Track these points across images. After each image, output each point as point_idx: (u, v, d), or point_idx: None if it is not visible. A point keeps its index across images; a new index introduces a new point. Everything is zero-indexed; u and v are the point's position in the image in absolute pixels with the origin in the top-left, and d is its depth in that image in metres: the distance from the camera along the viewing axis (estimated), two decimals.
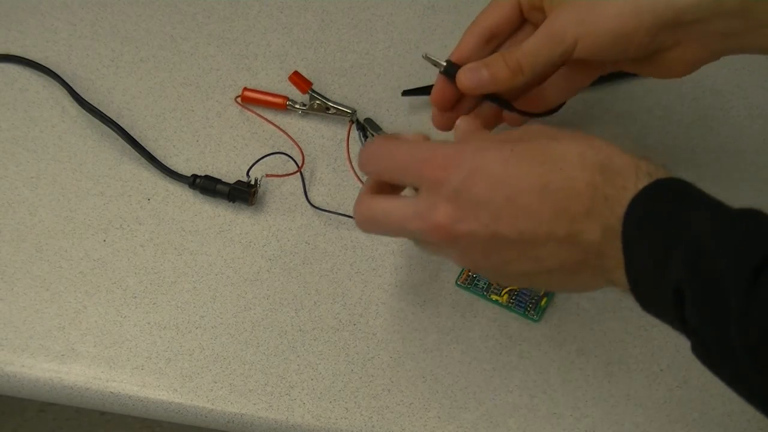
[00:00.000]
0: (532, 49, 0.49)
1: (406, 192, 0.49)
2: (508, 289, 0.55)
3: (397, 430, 0.52)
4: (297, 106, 0.62)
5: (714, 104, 0.63)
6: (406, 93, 0.63)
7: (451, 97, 0.53)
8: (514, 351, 0.54)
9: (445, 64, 0.52)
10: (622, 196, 0.40)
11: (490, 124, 0.56)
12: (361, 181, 0.59)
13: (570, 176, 0.42)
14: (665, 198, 0.40)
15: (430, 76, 0.64)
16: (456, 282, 0.56)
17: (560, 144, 0.43)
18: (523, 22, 0.53)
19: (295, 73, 0.62)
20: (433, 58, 0.53)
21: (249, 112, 0.63)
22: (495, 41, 0.53)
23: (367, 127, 0.61)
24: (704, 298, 0.37)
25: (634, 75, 0.63)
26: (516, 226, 0.42)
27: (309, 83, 0.61)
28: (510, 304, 0.55)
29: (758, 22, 0.44)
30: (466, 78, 0.51)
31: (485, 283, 0.55)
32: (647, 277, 0.40)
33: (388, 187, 0.49)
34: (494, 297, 0.55)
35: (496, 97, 0.53)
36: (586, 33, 0.48)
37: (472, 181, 0.43)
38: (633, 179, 0.41)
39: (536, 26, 0.51)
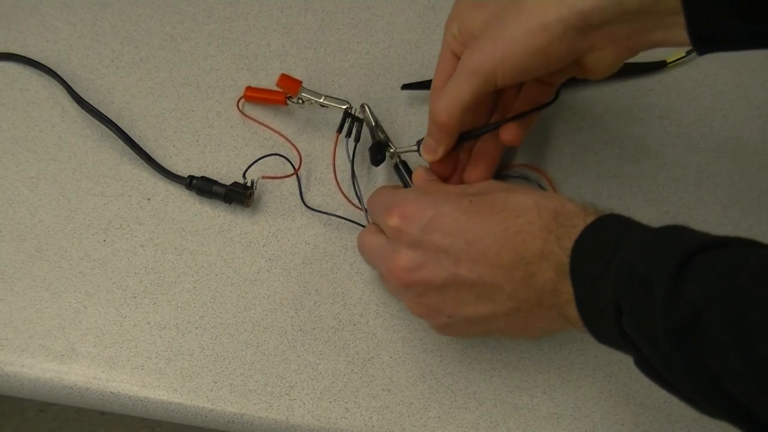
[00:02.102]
0: (453, 93, 0.50)
1: None
2: None
3: (397, 430, 0.52)
4: (294, 101, 0.61)
5: (714, 104, 0.63)
6: (405, 87, 0.63)
7: (441, 162, 0.55)
8: (514, 351, 0.54)
9: (416, 147, 0.56)
10: (572, 234, 0.43)
11: (496, 153, 0.57)
12: (342, 192, 0.59)
13: (527, 221, 0.44)
14: (603, 231, 0.43)
15: (430, 75, 0.64)
16: None
17: (516, 194, 0.46)
18: None
19: (282, 76, 0.60)
20: (404, 149, 0.57)
21: (249, 120, 0.63)
22: None
23: (364, 120, 0.59)
24: (636, 303, 0.39)
25: (633, 75, 0.63)
26: (475, 269, 0.45)
27: (298, 82, 0.60)
28: None
29: (659, 16, 0.45)
30: (424, 155, 0.54)
31: None
32: (592, 302, 0.42)
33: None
34: None
35: (465, 134, 0.54)
36: (502, 61, 0.48)
37: (432, 229, 0.46)
38: (581, 219, 0.43)
39: None
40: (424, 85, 0.62)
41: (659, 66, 0.63)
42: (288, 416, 0.52)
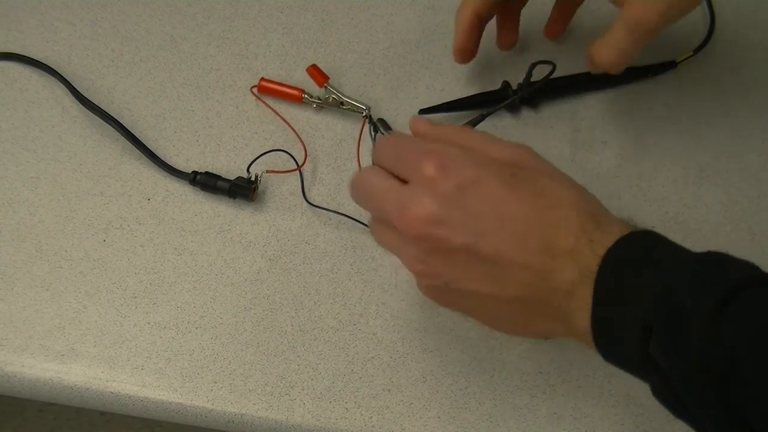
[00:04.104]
0: (618, 45, 0.53)
1: None
2: None
3: (397, 430, 0.52)
4: (312, 99, 0.62)
5: (713, 104, 0.63)
6: (422, 111, 0.62)
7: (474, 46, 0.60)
8: (514, 351, 0.54)
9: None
10: (607, 241, 0.41)
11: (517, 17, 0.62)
12: None
13: (564, 216, 0.42)
14: (640, 246, 0.41)
15: (430, 76, 0.64)
16: None
17: (559, 185, 0.44)
18: None
19: (314, 65, 0.62)
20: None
21: (260, 107, 0.63)
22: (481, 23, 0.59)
23: (379, 127, 0.60)
24: (671, 333, 0.37)
25: (645, 77, 0.63)
26: (496, 246, 0.42)
27: (326, 77, 0.62)
28: None
29: None
30: (605, 56, 0.54)
31: None
32: (613, 318, 0.40)
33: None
34: None
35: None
36: (675, 14, 0.51)
37: (469, 190, 0.43)
38: (618, 227, 0.42)
39: None
40: (441, 108, 0.62)
41: (669, 66, 0.63)
42: (288, 416, 0.52)
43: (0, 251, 0.57)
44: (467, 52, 0.60)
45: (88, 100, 0.62)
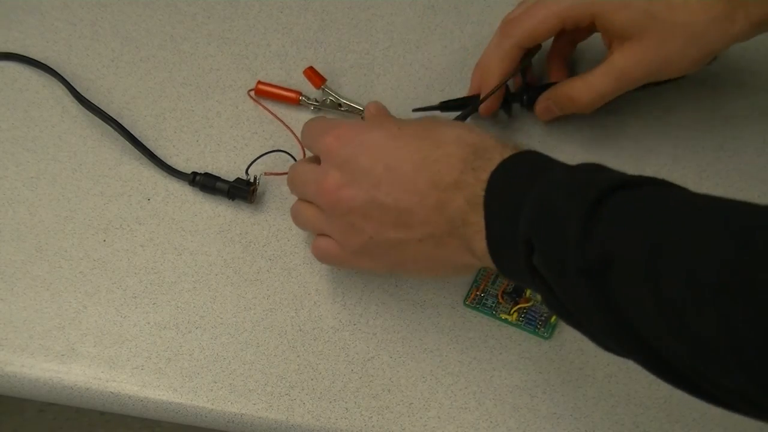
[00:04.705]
0: (600, 89, 0.57)
1: None
2: (517, 307, 0.55)
3: (397, 430, 0.52)
4: (310, 102, 0.62)
5: (714, 104, 0.63)
6: (416, 110, 0.62)
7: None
8: (514, 351, 0.54)
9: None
10: (489, 167, 0.44)
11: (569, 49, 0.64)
12: None
13: (446, 152, 0.46)
14: (520, 166, 0.44)
15: (430, 76, 0.64)
16: (464, 302, 0.55)
17: (442, 126, 0.48)
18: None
19: (310, 68, 0.62)
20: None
21: (260, 108, 0.63)
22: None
23: None
24: (548, 240, 0.40)
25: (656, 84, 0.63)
26: (392, 193, 0.46)
27: (323, 79, 0.62)
28: (519, 323, 0.54)
29: None
30: (585, 96, 0.58)
31: (494, 302, 0.55)
32: (503, 236, 0.43)
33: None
34: (503, 316, 0.54)
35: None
36: (661, 76, 0.57)
37: (359, 151, 0.48)
38: (499, 153, 0.44)
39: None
40: (435, 109, 0.61)
41: None
42: (288, 416, 0.52)
43: (0, 251, 0.57)
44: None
45: (87, 100, 0.62)
